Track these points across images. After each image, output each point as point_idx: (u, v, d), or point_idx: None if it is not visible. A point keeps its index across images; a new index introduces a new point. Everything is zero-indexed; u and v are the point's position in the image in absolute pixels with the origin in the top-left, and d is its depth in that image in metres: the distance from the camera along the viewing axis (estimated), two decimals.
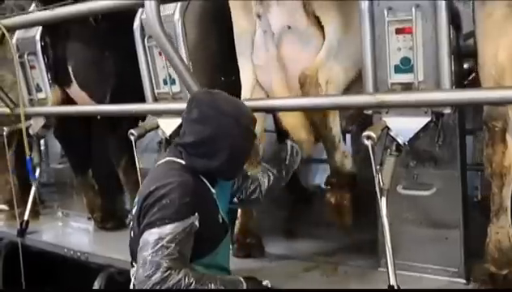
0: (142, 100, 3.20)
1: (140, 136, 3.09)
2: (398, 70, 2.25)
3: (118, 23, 3.17)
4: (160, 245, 1.94)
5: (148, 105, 3.19)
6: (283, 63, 2.66)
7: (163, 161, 2.25)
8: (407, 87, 2.24)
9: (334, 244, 3.14)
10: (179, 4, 2.90)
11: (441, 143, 2.41)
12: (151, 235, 1.97)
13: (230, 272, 2.38)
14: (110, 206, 4.06)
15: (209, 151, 2.13)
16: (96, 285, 3.54)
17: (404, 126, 2.25)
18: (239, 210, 3.03)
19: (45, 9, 3.11)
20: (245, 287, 2.17)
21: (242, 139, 2.17)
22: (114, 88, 3.48)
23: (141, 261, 1.96)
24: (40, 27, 3.64)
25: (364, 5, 2.23)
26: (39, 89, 3.81)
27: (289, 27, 2.58)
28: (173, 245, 1.95)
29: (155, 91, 3.15)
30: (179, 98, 3.00)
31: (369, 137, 2.19)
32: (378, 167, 2.24)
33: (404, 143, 2.25)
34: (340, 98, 2.52)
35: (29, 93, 3.87)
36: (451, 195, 2.45)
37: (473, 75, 2.58)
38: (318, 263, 2.89)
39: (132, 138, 3.05)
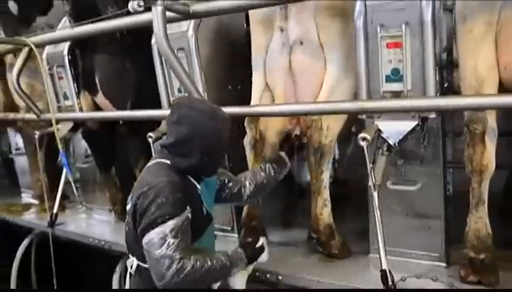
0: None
1: (157, 139, 2.99)
2: (388, 79, 2.20)
3: (140, 37, 3.09)
4: (167, 241, 1.86)
5: (164, 111, 3.09)
6: (292, 72, 2.58)
7: (153, 162, 2.15)
8: (397, 95, 2.19)
9: None
10: (193, 21, 2.82)
11: (425, 144, 2.36)
12: (155, 234, 1.88)
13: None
14: None
15: (186, 150, 2.01)
16: (117, 270, 3.48)
17: (394, 129, 2.21)
18: None
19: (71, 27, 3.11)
20: (243, 256, 2.16)
21: (215, 139, 2.03)
22: (135, 96, 3.40)
23: (154, 259, 1.88)
24: (68, 43, 3.57)
25: (360, 22, 2.18)
26: (66, 97, 3.77)
27: (301, 43, 2.51)
28: (179, 238, 1.88)
29: (171, 98, 3.08)
30: None
31: (364, 139, 2.14)
32: (371, 165, 2.18)
33: (395, 144, 2.20)
34: (328, 105, 2.41)
35: (57, 101, 3.83)
36: (434, 189, 2.40)
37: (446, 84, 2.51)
38: (315, 249, 2.81)
39: (150, 140, 2.96)
